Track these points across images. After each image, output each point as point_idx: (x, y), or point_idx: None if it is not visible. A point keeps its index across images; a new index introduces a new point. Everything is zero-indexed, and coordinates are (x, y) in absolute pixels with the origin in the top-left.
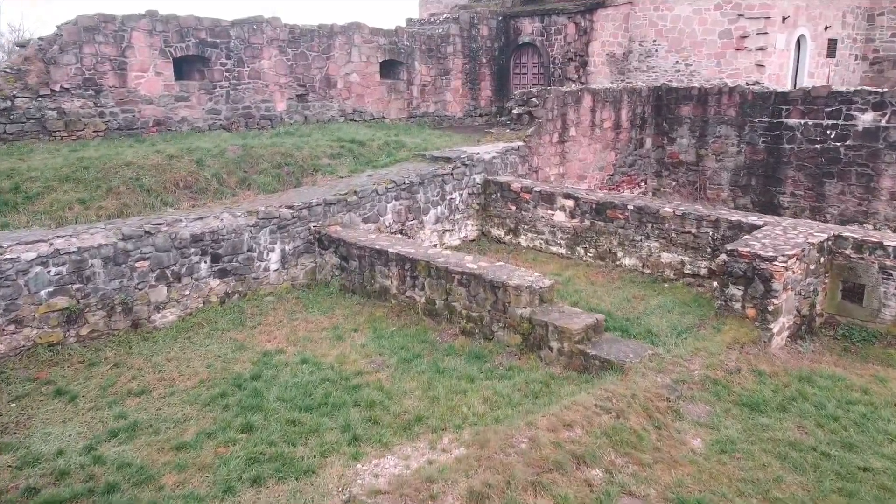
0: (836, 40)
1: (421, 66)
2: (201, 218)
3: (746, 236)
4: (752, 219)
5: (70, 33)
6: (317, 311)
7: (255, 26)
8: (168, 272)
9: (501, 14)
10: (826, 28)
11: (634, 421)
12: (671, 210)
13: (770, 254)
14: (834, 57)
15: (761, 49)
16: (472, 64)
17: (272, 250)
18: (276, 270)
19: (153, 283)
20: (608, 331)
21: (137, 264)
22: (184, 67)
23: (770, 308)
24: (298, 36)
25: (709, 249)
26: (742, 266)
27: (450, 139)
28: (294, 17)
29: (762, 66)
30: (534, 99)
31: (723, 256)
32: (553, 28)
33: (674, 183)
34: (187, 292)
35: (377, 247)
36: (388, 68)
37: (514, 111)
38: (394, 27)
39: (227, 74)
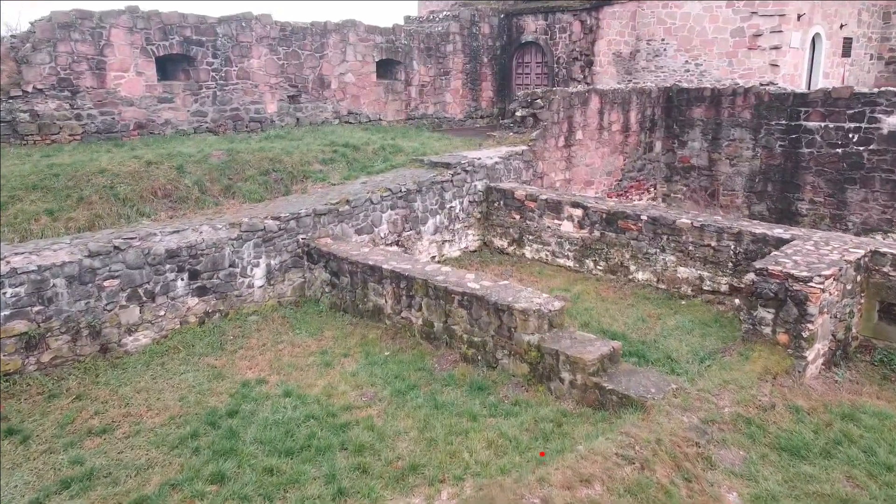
0: (851, 39)
1: (419, 66)
2: (178, 231)
3: (775, 252)
4: (779, 231)
5: (44, 30)
6: (304, 332)
7: (243, 23)
8: (141, 291)
9: (503, 11)
10: (841, 26)
11: (661, 473)
12: (689, 221)
13: (805, 273)
14: (849, 56)
15: (775, 48)
16: (473, 63)
17: (257, 265)
18: (260, 287)
19: (124, 303)
20: (624, 356)
21: (106, 283)
22: (167, 67)
23: (805, 334)
24: (290, 34)
25: (730, 264)
26: (773, 287)
27: (449, 143)
28: (286, 14)
29: (776, 65)
30: (538, 100)
31: (751, 275)
32: (557, 26)
33: (685, 188)
34: (162, 312)
35: (370, 262)
36: (385, 68)
37: (518, 113)
38: (391, 25)
39: (214, 74)
